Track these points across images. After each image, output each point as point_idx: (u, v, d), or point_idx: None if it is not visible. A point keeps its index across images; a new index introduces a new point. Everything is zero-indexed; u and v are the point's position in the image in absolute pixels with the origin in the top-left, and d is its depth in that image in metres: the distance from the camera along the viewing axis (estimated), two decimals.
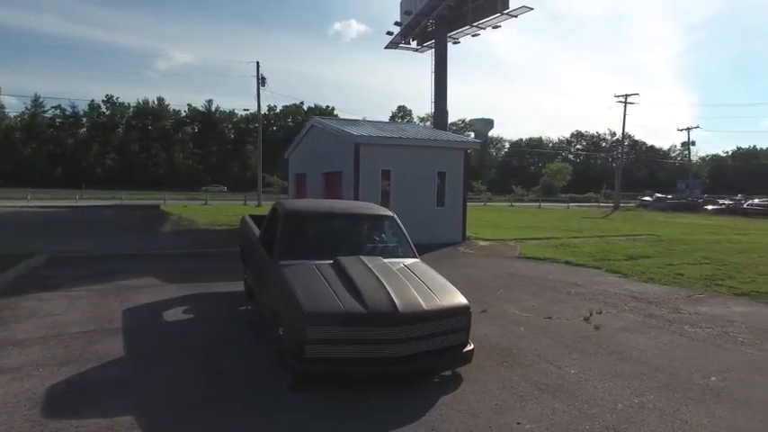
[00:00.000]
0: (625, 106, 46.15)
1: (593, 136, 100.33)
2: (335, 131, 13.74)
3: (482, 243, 14.32)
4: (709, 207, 41.30)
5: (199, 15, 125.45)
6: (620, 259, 11.81)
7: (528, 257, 11.82)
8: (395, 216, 5.64)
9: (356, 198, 12.62)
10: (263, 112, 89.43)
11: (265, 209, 23.23)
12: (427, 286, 4.43)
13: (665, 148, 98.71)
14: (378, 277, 4.34)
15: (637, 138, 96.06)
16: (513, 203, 49.90)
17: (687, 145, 58.05)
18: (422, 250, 12.84)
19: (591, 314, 6.53)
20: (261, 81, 34.35)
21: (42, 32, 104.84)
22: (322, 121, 15.46)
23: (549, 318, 6.37)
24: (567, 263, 11.06)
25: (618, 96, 46.60)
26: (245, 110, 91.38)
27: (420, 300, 4.11)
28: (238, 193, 47.27)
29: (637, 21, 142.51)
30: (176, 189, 58.83)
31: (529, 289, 8.30)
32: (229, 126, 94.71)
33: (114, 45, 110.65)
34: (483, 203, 49.24)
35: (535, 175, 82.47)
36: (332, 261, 4.71)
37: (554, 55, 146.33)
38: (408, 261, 5.12)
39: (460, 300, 4.35)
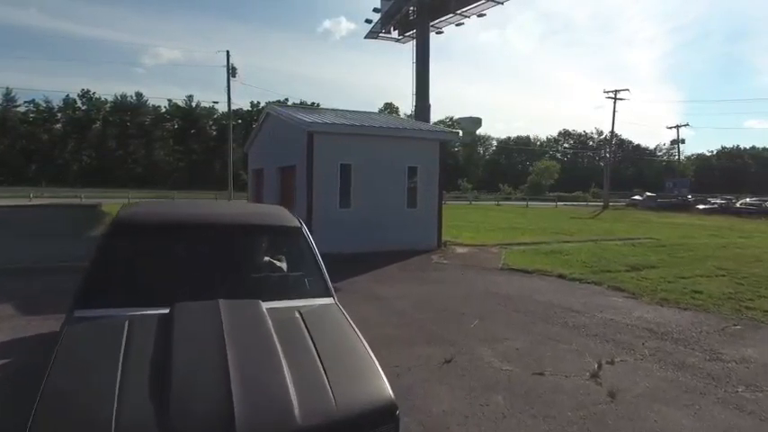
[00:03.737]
0: (615, 103, 44.72)
1: (580, 135, 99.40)
2: (289, 119, 11.65)
3: (460, 250, 12.34)
4: (701, 206, 39.99)
5: (182, 11, 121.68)
6: (621, 270, 9.94)
7: (513, 269, 9.86)
8: (303, 228, 3.58)
9: (309, 198, 10.58)
10: (246, 109, 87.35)
11: None
12: (322, 363, 2.40)
13: (651, 147, 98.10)
14: (224, 349, 2.30)
15: (623, 137, 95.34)
16: (500, 202, 48.20)
17: (677, 143, 56.92)
18: (387, 260, 10.94)
19: (599, 365, 4.57)
20: (232, 72, 32.04)
21: (21, 26, 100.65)
22: (277, 109, 13.35)
23: (542, 374, 4.38)
24: (560, 276, 9.14)
25: (608, 92, 45.16)
26: (213, 102, 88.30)
27: (294, 400, 2.08)
28: (210, 192, 44.80)
29: (623, 21, 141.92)
30: (156, 187, 56.26)
31: (513, 318, 6.33)
32: (211, 123, 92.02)
33: (96, 40, 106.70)
34: (469, 202, 47.50)
35: (523, 173, 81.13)
36: (168, 311, 2.68)
37: (542, 54, 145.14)
38: (311, 304, 3.09)
39: (381, 394, 2.31)
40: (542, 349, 5.07)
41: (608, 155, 55.30)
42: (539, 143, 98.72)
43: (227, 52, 32.58)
